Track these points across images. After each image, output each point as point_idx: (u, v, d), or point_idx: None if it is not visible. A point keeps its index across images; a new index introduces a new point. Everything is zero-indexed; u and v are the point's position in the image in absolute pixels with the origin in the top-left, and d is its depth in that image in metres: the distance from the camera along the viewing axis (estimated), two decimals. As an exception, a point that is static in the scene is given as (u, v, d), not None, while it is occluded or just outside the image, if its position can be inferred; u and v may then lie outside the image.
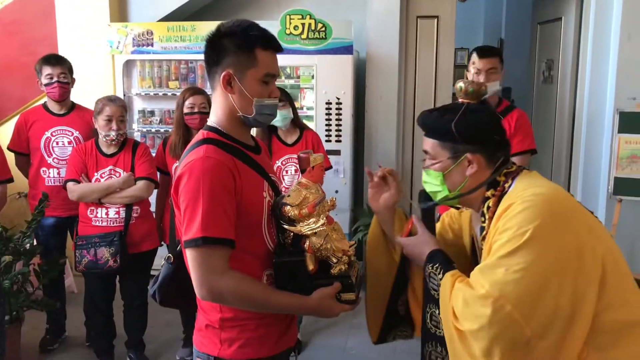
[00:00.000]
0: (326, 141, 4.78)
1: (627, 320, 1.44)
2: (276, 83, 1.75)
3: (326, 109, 4.81)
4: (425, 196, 1.75)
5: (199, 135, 1.72)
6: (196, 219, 1.55)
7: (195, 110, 3.46)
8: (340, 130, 4.83)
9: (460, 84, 1.65)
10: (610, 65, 4.57)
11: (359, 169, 5.26)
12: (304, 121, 4.96)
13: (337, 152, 4.81)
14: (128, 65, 5.16)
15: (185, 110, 3.48)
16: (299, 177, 3.28)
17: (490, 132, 1.61)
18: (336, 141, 4.84)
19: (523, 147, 3.36)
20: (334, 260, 1.74)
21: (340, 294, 1.70)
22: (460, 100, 1.66)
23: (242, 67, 1.65)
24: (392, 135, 5.13)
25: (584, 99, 4.84)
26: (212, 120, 1.75)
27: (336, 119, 4.82)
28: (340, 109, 4.81)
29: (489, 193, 1.61)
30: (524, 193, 1.48)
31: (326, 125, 4.83)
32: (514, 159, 3.28)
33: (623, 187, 4.31)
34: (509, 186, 1.57)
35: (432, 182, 1.67)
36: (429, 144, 1.67)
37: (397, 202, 1.80)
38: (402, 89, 5.23)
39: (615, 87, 4.49)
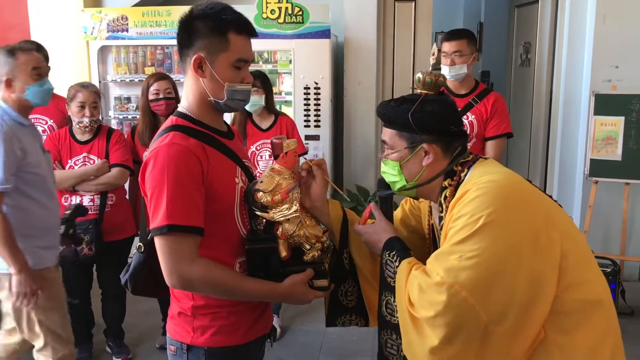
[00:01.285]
0: (305, 126, 4.76)
1: (588, 300, 1.44)
2: (253, 68, 1.71)
3: (304, 94, 4.78)
4: (383, 184, 1.73)
5: (168, 122, 1.69)
6: (161, 206, 1.53)
7: (161, 96, 3.43)
8: (319, 116, 4.80)
9: (419, 75, 1.64)
10: (586, 48, 4.58)
11: (338, 153, 5.25)
12: (282, 107, 4.96)
13: (316, 137, 4.79)
14: (103, 51, 5.08)
15: (150, 97, 3.44)
16: (273, 163, 3.25)
17: (446, 122, 1.60)
18: (315, 126, 4.81)
19: (499, 130, 3.37)
20: (307, 246, 1.73)
21: (313, 281, 1.69)
22: (418, 91, 1.65)
23: (214, 50, 1.62)
24: (371, 120, 5.11)
25: (561, 81, 4.86)
26: (182, 106, 1.72)
27: (315, 104, 4.79)
28: (319, 94, 4.77)
29: (446, 183, 1.60)
30: (478, 180, 1.48)
31: (305, 110, 4.80)
32: (490, 143, 3.38)
33: (598, 168, 4.35)
34: (465, 175, 1.57)
35: (389, 171, 1.66)
36: (387, 133, 1.65)
37: (324, 192, 1.77)
38: (381, 74, 5.21)
39: (591, 69, 4.51)
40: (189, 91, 1.70)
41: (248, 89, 1.70)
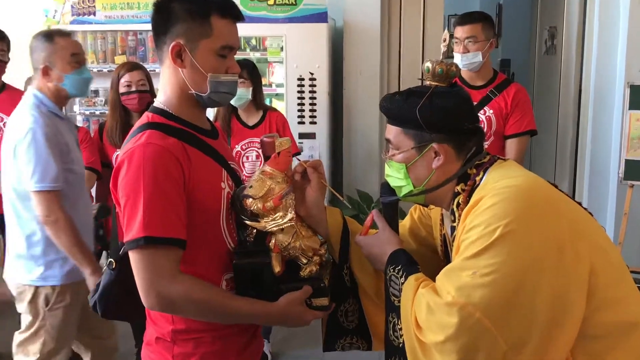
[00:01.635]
0: (298, 123, 4.78)
1: (622, 322, 1.45)
2: (240, 56, 1.73)
3: (298, 85, 4.80)
4: (387, 189, 1.74)
5: (143, 119, 1.71)
6: (137, 216, 1.54)
7: (133, 88, 3.44)
8: (314, 111, 4.82)
9: (428, 64, 1.65)
10: (620, 33, 4.60)
11: (337, 154, 5.27)
12: (273, 101, 4.97)
13: (311, 136, 4.81)
14: (66, 37, 5.07)
15: (121, 90, 3.46)
16: (261, 164, 3.26)
17: (459, 118, 1.60)
18: (310, 123, 4.83)
19: (521, 127, 3.40)
20: (304, 260, 1.74)
21: (311, 299, 1.70)
22: (428, 82, 1.66)
23: (194, 37, 1.63)
24: (374, 116, 5.13)
25: (591, 71, 4.88)
26: (159, 100, 1.73)
27: (310, 98, 4.81)
28: (315, 85, 4.80)
29: (458, 188, 1.61)
30: (495, 185, 1.49)
31: (299, 104, 4.82)
32: (510, 142, 3.40)
33: (634, 170, 4.36)
34: (481, 179, 1.58)
35: (394, 175, 1.67)
36: (391, 131, 1.66)
37: (320, 198, 1.79)
38: (385, 63, 5.22)
39: (626, 57, 4.52)
40: (166, 83, 1.71)
41: (234, 80, 1.72)
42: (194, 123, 1.71)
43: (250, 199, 1.67)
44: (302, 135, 4.75)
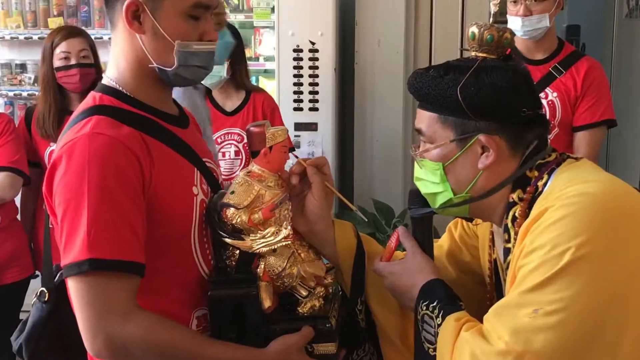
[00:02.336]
0: (295, 109, 4.79)
1: None
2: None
3: (294, 59, 4.80)
4: (418, 198, 1.74)
5: (88, 101, 1.71)
6: (79, 231, 1.54)
7: (73, 62, 3.45)
8: (316, 93, 4.83)
9: (473, 29, 1.65)
10: None
11: (346, 151, 5.28)
12: (260, 78, 4.97)
13: (311, 127, 4.82)
14: (-17, -8, 5.10)
15: (57, 63, 3.47)
16: (243, 162, 3.27)
17: (515, 101, 1.60)
18: (311, 110, 4.84)
19: (595, 116, 3.40)
20: (304, 293, 1.75)
21: (312, 345, 1.70)
22: (473, 54, 1.66)
23: None
24: (396, 100, 5.12)
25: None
26: (109, 76, 1.74)
27: (310, 76, 4.82)
28: (317, 59, 4.80)
29: (514, 196, 1.61)
30: (564, 193, 1.48)
31: (295, 84, 4.83)
32: (580, 135, 3.39)
33: None
34: (544, 184, 1.58)
35: (428, 178, 1.67)
36: (424, 119, 1.66)
37: (325, 208, 1.79)
38: (412, 28, 5.21)
39: None
40: (119, 54, 1.72)
41: (210, 49, 1.73)
42: (156, 107, 1.72)
43: (232, 209, 1.67)
44: (299, 127, 4.77)
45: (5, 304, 3.48)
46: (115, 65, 1.73)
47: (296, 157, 1.81)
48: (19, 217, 3.59)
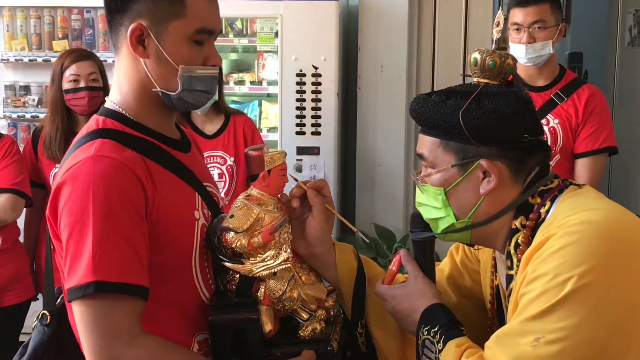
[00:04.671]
0: (297, 133, 4.79)
1: None
2: (223, 43, 1.75)
3: (297, 83, 4.81)
4: (420, 222, 1.74)
5: (91, 124, 1.71)
6: (83, 254, 1.54)
7: (82, 84, 3.47)
8: (318, 117, 4.83)
9: (475, 55, 1.66)
10: None
11: (348, 176, 5.27)
12: (264, 102, 4.98)
13: (313, 151, 4.82)
14: (-11, 14, 5.12)
15: (66, 86, 3.48)
16: (225, 185, 3.25)
17: (517, 127, 1.60)
18: (313, 134, 4.84)
19: (596, 143, 3.41)
20: (305, 316, 1.75)
21: (314, 368, 1.70)
22: (475, 79, 1.67)
23: (162, 16, 1.65)
24: (398, 125, 5.12)
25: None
26: (112, 100, 1.75)
27: (313, 100, 4.82)
28: (320, 83, 4.81)
29: (517, 223, 1.61)
30: (567, 221, 1.48)
31: (297, 109, 4.82)
32: (582, 162, 3.40)
33: None
34: (547, 211, 1.58)
35: (429, 203, 1.67)
36: (426, 144, 1.67)
37: (326, 231, 1.79)
38: (414, 54, 5.23)
39: None
40: (122, 78, 1.73)
41: (214, 74, 1.74)
42: (158, 131, 1.73)
43: (232, 233, 1.67)
44: (301, 150, 4.77)
45: (5, 327, 3.48)
46: (118, 89, 1.74)
47: (296, 180, 1.82)
48: (20, 239, 3.59)
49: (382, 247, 4.77)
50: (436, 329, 1.61)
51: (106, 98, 1.77)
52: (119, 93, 1.73)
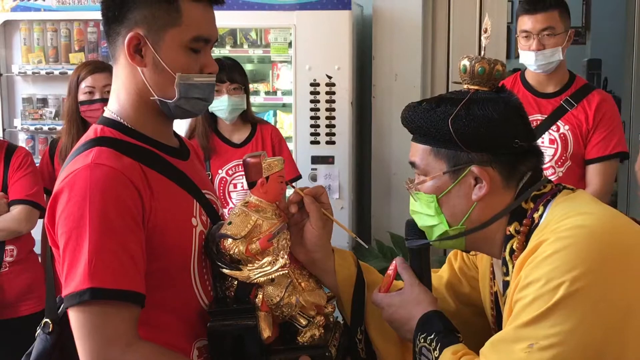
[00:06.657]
0: (312, 143, 4.79)
1: None
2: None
3: (312, 93, 4.81)
4: (414, 230, 1.74)
5: (89, 133, 1.73)
6: (80, 261, 1.55)
7: (97, 96, 3.51)
8: (333, 127, 4.83)
9: (465, 62, 1.66)
10: None
11: (363, 184, 5.27)
12: (279, 112, 4.99)
13: (328, 160, 4.81)
14: (7, 28, 5.17)
15: (82, 97, 3.52)
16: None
17: (507, 132, 1.60)
18: (327, 143, 4.84)
19: (607, 149, 3.40)
20: (303, 322, 1.75)
21: (312, 373, 1.70)
22: (465, 86, 1.67)
23: (158, 25, 1.67)
24: (413, 134, 5.12)
25: None
26: (111, 109, 1.77)
27: (327, 110, 4.82)
28: (334, 93, 4.81)
29: (511, 229, 1.61)
30: (559, 225, 1.48)
31: (312, 118, 4.83)
32: (593, 168, 3.38)
33: None
34: (540, 216, 1.57)
35: (423, 211, 1.67)
36: (417, 151, 1.67)
37: (324, 236, 1.79)
38: (429, 64, 5.22)
39: None
40: (120, 87, 1.75)
41: (211, 81, 1.75)
42: (156, 139, 1.74)
43: (230, 240, 1.68)
44: (316, 160, 4.77)
45: (21, 336, 3.49)
46: (116, 98, 1.76)
47: (293, 187, 1.82)
48: (36, 249, 3.61)
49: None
50: (432, 336, 1.61)
51: (105, 107, 1.79)
52: (117, 102, 1.75)
